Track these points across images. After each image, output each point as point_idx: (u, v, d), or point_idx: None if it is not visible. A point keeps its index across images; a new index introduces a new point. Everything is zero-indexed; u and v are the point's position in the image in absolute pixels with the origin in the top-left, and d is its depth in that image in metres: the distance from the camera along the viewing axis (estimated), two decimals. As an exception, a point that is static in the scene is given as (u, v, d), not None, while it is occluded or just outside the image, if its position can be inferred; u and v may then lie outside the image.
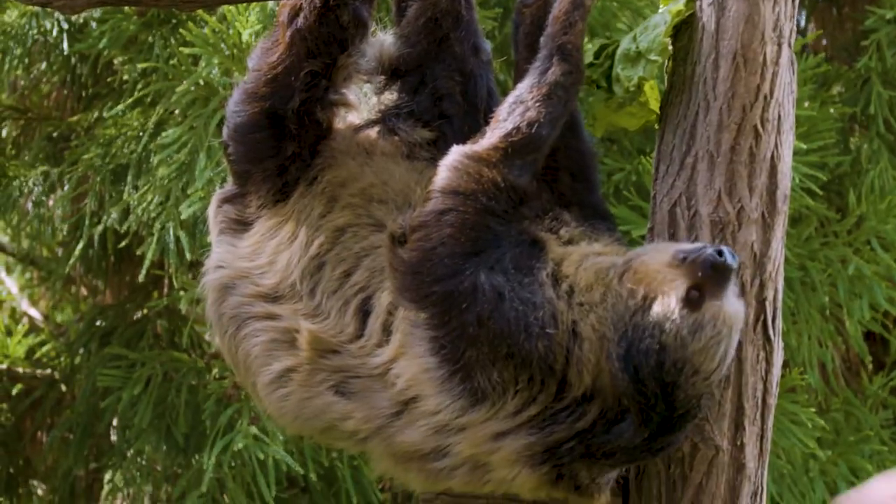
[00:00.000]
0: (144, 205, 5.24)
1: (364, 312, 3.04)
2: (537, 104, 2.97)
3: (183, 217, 5.07)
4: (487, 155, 2.97)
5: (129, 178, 5.41)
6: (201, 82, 5.21)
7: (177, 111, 5.36)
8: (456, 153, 3.00)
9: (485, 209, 2.94)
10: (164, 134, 5.22)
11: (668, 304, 2.86)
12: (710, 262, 2.87)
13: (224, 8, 5.10)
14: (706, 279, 2.87)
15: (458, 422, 2.93)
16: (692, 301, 2.86)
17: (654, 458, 3.00)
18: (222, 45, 5.14)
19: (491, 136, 2.98)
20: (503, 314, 2.88)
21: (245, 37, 5.08)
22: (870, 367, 5.97)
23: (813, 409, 5.10)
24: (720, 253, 2.87)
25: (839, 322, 5.49)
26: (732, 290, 2.91)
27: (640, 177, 5.19)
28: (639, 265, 2.93)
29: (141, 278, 5.28)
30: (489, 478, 2.98)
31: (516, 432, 2.92)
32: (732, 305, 2.90)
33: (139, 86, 5.46)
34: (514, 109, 2.99)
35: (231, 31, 5.11)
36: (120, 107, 5.44)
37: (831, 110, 5.56)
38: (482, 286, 2.89)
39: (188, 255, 5.12)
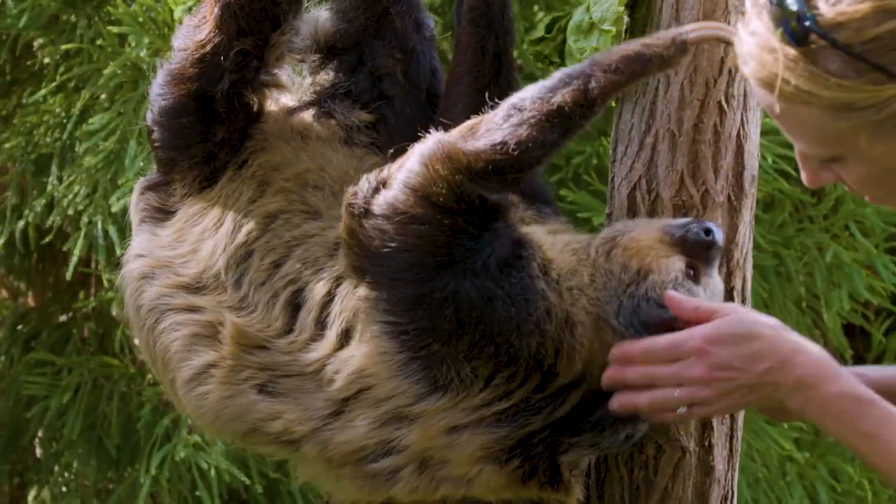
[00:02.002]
0: (70, 197, 5.20)
1: (294, 305, 3.02)
2: (534, 122, 2.86)
3: (113, 210, 5.03)
4: (468, 164, 2.86)
5: (54, 169, 5.37)
6: (129, 64, 5.18)
7: (103, 96, 5.32)
8: (437, 146, 2.89)
9: (459, 230, 2.88)
10: (90, 121, 5.18)
11: (668, 273, 2.89)
12: (701, 241, 2.91)
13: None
14: (698, 256, 2.92)
15: (410, 409, 2.89)
16: (690, 277, 2.91)
17: (625, 446, 3.00)
18: (152, 24, 5.11)
19: (480, 140, 2.88)
20: (493, 317, 2.85)
21: (177, 14, 5.05)
22: (849, 362, 5.97)
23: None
24: (708, 231, 2.91)
25: (817, 314, 5.50)
26: (716, 267, 2.97)
27: (600, 160, 5.20)
28: (627, 241, 2.94)
29: (68, 277, 5.24)
30: (443, 476, 2.94)
31: (476, 426, 2.89)
32: (719, 283, 2.98)
33: (62, 69, 5.41)
34: (511, 116, 2.88)
35: (161, 8, 5.08)
36: (42, 92, 5.39)
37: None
38: (466, 293, 2.85)
39: (118, 251, 5.09)
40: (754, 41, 2.47)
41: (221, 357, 3.05)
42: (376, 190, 2.92)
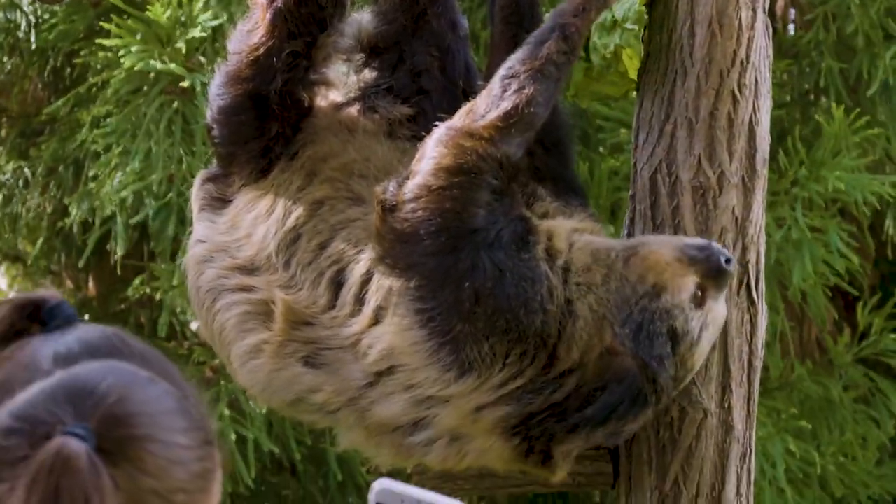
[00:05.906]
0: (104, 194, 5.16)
1: (337, 284, 2.98)
2: (531, 81, 2.89)
3: (122, 195, 5.00)
4: (488, 133, 2.88)
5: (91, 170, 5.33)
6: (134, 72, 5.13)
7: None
8: (449, 130, 2.90)
9: (488, 186, 2.87)
10: (102, 124, 5.15)
11: (679, 296, 2.84)
12: (716, 267, 2.86)
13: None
14: (710, 281, 2.86)
15: (443, 393, 2.87)
16: (697, 299, 2.85)
17: (611, 442, 2.97)
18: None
19: (489, 113, 2.89)
20: (503, 290, 2.82)
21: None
22: (826, 328, 5.88)
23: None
24: (728, 261, 2.87)
25: (782, 286, 5.42)
26: (724, 293, 2.92)
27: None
28: (647, 253, 2.89)
29: (118, 270, 5.19)
30: (468, 449, 2.92)
31: (496, 404, 2.86)
32: (722, 310, 2.93)
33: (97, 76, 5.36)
34: (509, 85, 2.90)
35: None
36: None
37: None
38: (482, 263, 2.83)
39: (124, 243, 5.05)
40: None
41: (272, 334, 3.01)
42: (402, 183, 2.90)
